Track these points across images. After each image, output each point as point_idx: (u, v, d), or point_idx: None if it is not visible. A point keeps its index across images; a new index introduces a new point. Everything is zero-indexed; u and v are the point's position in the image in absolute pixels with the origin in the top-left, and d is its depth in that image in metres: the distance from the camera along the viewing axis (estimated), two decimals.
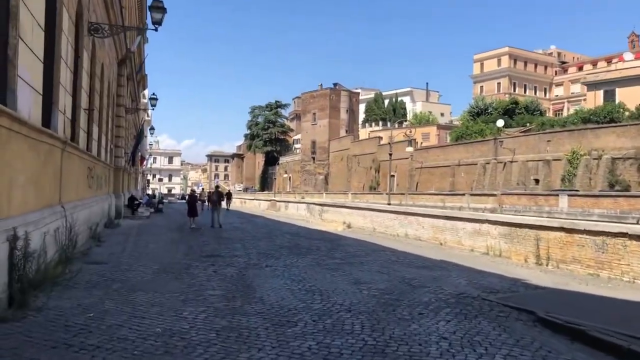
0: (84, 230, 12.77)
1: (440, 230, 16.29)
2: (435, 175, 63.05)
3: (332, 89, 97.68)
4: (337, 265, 11.06)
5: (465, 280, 9.63)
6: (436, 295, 8.00)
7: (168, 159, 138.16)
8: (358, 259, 12.04)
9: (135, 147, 30.31)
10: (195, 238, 16.28)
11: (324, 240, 16.65)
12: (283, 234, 18.60)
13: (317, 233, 19.54)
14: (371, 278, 9.46)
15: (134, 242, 14.35)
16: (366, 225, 21.45)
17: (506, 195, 39.51)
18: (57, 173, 9.36)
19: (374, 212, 20.85)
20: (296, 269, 10.40)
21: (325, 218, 26.49)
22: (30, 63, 7.06)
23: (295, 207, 34.70)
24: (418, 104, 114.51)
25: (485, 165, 54.77)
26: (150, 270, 9.68)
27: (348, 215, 23.12)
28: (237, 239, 16.10)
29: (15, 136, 6.43)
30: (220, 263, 10.90)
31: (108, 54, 18.93)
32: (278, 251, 13.21)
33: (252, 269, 10.24)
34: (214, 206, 22.33)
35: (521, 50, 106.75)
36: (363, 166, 79.63)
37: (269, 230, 20.29)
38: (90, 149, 14.57)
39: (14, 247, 5.97)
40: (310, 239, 16.71)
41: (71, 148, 10.67)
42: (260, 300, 7.40)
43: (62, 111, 9.65)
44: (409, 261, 12.06)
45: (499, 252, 13.51)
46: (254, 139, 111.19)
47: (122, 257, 11.19)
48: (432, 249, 15.11)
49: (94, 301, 6.83)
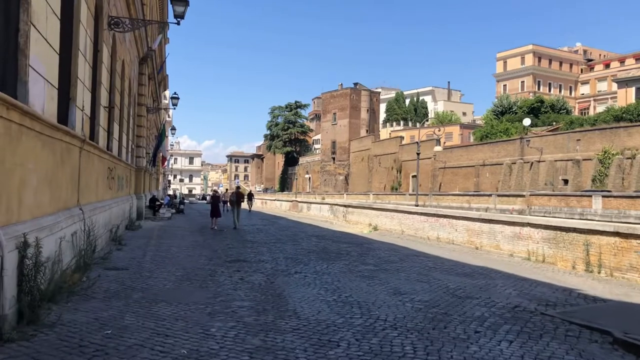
0: (104, 234, 12.24)
1: (476, 234, 15.38)
2: (459, 175, 61.76)
3: (352, 88, 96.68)
4: (372, 272, 10.29)
5: (514, 290, 8.77)
6: (489, 309, 7.18)
7: (189, 159, 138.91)
8: (393, 265, 11.25)
9: (157, 147, 29.96)
10: (219, 241, 15.67)
11: (353, 244, 15.87)
12: (308, 236, 17.89)
13: (343, 236, 18.77)
14: (411, 287, 8.67)
15: (155, 245, 13.79)
16: (394, 228, 20.60)
17: (535, 196, 38.20)
18: (75, 173, 8.79)
19: (402, 214, 20.00)
20: (328, 276, 9.67)
21: (349, 220, 25.70)
22: (43, 53, 6.47)
23: (317, 208, 33.95)
24: (440, 103, 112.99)
25: (511, 165, 53.33)
26: (173, 277, 9.05)
27: (375, 217, 22.29)
28: (262, 242, 15.44)
29: (27, 133, 5.83)
30: (246, 269, 10.23)
31: (129, 51, 18.48)
32: (306, 256, 12.49)
33: (280, 276, 9.54)
34: (232, 207, 22.20)
35: (546, 48, 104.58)
36: (384, 166, 78.58)
37: (293, 232, 19.59)
38: (111, 148, 14.06)
39: (25, 255, 5.35)
40: (337, 243, 15.96)
41: (90, 147, 10.12)
42: (294, 313, 6.68)
43: (80, 108, 9.09)
44: (447, 267, 11.22)
45: (542, 257, 12.58)
46: (274, 140, 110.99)
47: (144, 262, 10.60)
48: (468, 254, 14.23)
49: (113, 314, 6.19)
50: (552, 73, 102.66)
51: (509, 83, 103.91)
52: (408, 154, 71.65)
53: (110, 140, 14.11)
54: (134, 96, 21.70)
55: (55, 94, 7.22)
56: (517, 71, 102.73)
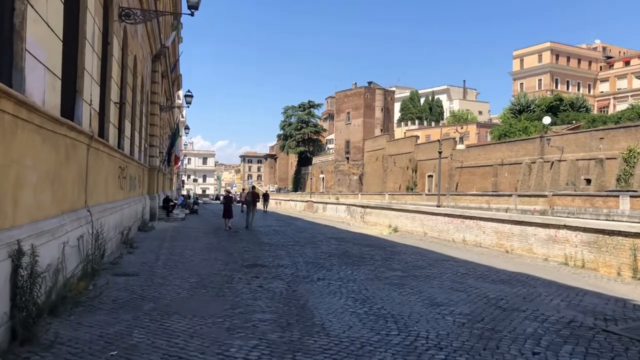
0: (115, 236, 11.62)
1: (506, 236, 14.50)
2: (476, 175, 60.52)
3: (366, 87, 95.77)
4: (400, 279, 9.50)
5: (561, 300, 7.94)
6: (541, 324, 6.37)
7: (202, 159, 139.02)
8: (422, 271, 10.44)
9: (171, 146, 29.43)
10: (234, 243, 15.00)
11: (375, 246, 15.08)
12: (327, 239, 17.13)
13: (363, 238, 17.99)
14: (448, 297, 7.88)
15: (168, 248, 13.15)
16: (415, 229, 19.76)
17: (558, 196, 37.01)
18: (82, 172, 8.15)
19: (424, 215, 19.14)
20: (353, 283, 8.91)
21: (367, 221, 24.88)
22: (43, 37, 5.80)
23: (333, 208, 33.11)
24: (455, 102, 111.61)
25: (530, 164, 52.06)
26: (187, 284, 8.37)
27: (395, 218, 21.45)
28: (280, 245, 14.72)
29: (24, 126, 5.17)
30: (265, 275, 9.52)
31: (141, 47, 17.90)
32: (327, 260, 11.74)
33: (302, 283, 8.80)
34: (247, 207, 21.75)
35: (563, 45, 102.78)
36: (399, 166, 77.52)
37: (311, 234, 18.85)
38: (122, 146, 13.46)
39: (19, 265, 4.68)
40: (359, 245, 15.18)
41: (99, 144, 9.48)
42: (322, 329, 5.94)
43: (87, 102, 8.44)
44: (481, 274, 10.40)
45: (582, 262, 11.68)
46: (287, 140, 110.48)
47: (156, 267, 9.94)
48: (499, 258, 13.37)
49: (120, 330, 5.51)
50: (570, 71, 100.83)
51: (525, 81, 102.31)
52: (424, 153, 70.56)
53: (122, 138, 13.51)
54: (146, 94, 21.15)
55: (58, 84, 6.56)
56: (534, 69, 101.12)
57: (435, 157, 67.31)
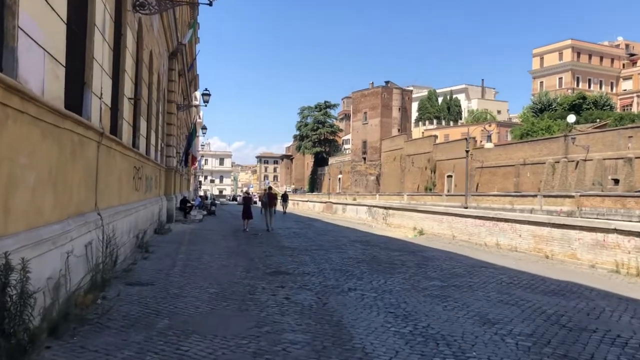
0: (129, 240, 10.90)
1: (545, 240, 13.46)
2: (497, 175, 59.07)
3: (384, 87, 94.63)
4: (441, 289, 8.58)
5: (632, 317, 6.94)
6: (622, 350, 5.40)
7: (219, 160, 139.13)
8: (462, 280, 9.50)
9: (188, 146, 28.81)
10: (255, 247, 14.20)
11: (403, 251, 14.14)
12: (352, 242, 16.24)
13: (389, 241, 17.05)
14: (500, 313, 6.94)
15: (186, 252, 12.39)
16: (443, 232, 18.75)
17: (586, 197, 35.60)
18: (91, 172, 7.40)
19: (453, 217, 18.12)
20: (390, 295, 8.01)
21: (390, 223, 23.91)
22: (41, 14, 5.03)
23: (354, 209, 32.13)
24: (473, 101, 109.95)
25: (554, 164, 50.50)
26: (206, 295, 7.56)
27: (420, 220, 20.45)
28: (302, 249, 13.87)
29: (16, 116, 4.39)
30: (290, 284, 8.67)
31: (158, 42, 17.23)
32: (356, 267, 10.85)
33: (333, 294, 7.94)
34: (265, 208, 21.09)
35: (585, 43, 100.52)
36: (417, 166, 76.27)
37: (333, 237, 17.96)
38: (138, 145, 12.75)
39: (6, 282, 3.90)
40: (386, 250, 14.26)
41: (111, 142, 8.75)
42: (364, 354, 5.06)
43: (97, 95, 7.69)
44: (527, 283, 9.42)
45: (636, 270, 10.63)
46: (303, 140, 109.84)
47: (172, 274, 9.16)
48: (539, 264, 12.35)
49: (130, 356, 4.70)
50: (591, 69, 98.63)
51: (545, 80, 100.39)
52: (443, 153, 69.24)
53: (137, 136, 12.80)
54: (163, 92, 20.50)
55: (61, 72, 5.79)
56: (554, 67, 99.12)
57: (455, 157, 66.10)
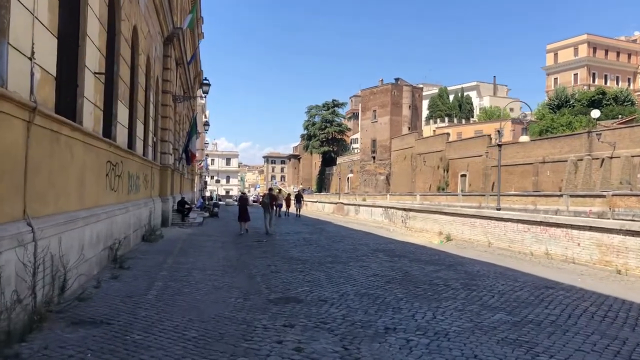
0: (96, 255, 8.54)
1: (615, 251, 10.96)
2: (514, 174, 56.34)
3: (393, 84, 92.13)
4: (515, 329, 6.12)
5: None
6: None
7: (225, 160, 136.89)
8: (536, 312, 7.02)
9: (188, 142, 26.47)
10: (257, 259, 11.82)
11: (439, 264, 11.65)
12: (373, 252, 13.78)
13: (417, 250, 14.55)
14: None
15: (172, 266, 10.04)
16: (475, 238, 16.26)
17: (619, 197, 32.91)
18: (14, 164, 5.05)
19: (488, 221, 15.63)
20: (447, 341, 5.57)
21: (411, 226, 21.42)
22: None
23: (368, 211, 29.56)
24: (485, 98, 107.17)
25: (576, 162, 47.69)
26: (181, 344, 5.18)
27: (446, 223, 17.95)
28: (315, 262, 11.45)
29: None
30: (302, 320, 6.28)
31: (146, 20, 14.92)
32: (387, 290, 8.39)
33: (365, 340, 5.53)
34: (265, 210, 19.34)
35: (601, 38, 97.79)
36: (429, 165, 73.65)
37: (351, 245, 15.51)
38: (114, 136, 10.43)
39: None
40: (418, 262, 11.79)
41: (60, 125, 6.41)
42: None
43: (22, 52, 5.34)
44: (626, 316, 6.95)
45: None
46: (311, 139, 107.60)
47: (143, 303, 6.79)
48: (615, 282, 9.85)
49: None
50: (608, 64, 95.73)
51: (560, 76, 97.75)
52: (456, 151, 66.61)
53: (113, 125, 10.48)
54: (155, 79, 18.19)
55: None
56: (569, 63, 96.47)
57: (470, 156, 63.43)
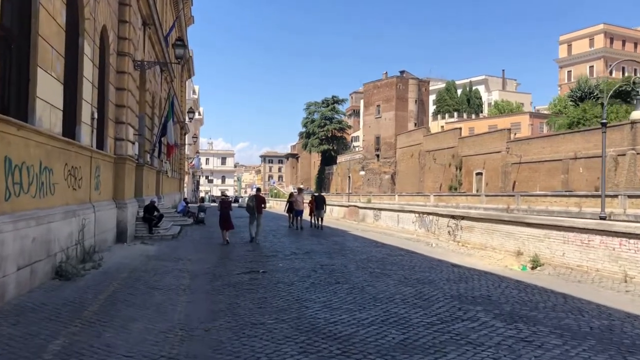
0: None
1: None
2: (539, 172, 50.50)
3: (398, 77, 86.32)
4: None
5: None
6: None
7: (221, 159, 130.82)
8: None
9: (163, 130, 20.57)
10: (245, 329, 6.01)
11: (592, 338, 5.86)
12: (452, 300, 7.89)
13: (507, 292, 8.69)
14: None
15: None
16: (593, 266, 10.37)
17: None
18: None
19: (619, 239, 9.80)
20: None
21: (464, 241, 15.45)
22: None
23: (392, 217, 23.30)
24: (494, 93, 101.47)
25: (616, 157, 41.95)
26: None
27: (532, 239, 12.05)
28: (362, 341, 5.61)
29: None
30: None
31: None
32: None
33: None
34: (251, 215, 16.58)
35: (619, 28, 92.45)
36: (440, 163, 67.78)
37: (407, 284, 9.30)
38: None
39: None
40: (560, 336, 5.97)
41: None
42: None
43: None
44: None
45: None
46: (310, 137, 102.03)
47: None
48: None
49: None
50: (626, 55, 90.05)
51: (574, 68, 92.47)
52: (470, 147, 60.77)
53: None
54: (97, 26, 12.34)
55: None
56: (584, 55, 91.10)
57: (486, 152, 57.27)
